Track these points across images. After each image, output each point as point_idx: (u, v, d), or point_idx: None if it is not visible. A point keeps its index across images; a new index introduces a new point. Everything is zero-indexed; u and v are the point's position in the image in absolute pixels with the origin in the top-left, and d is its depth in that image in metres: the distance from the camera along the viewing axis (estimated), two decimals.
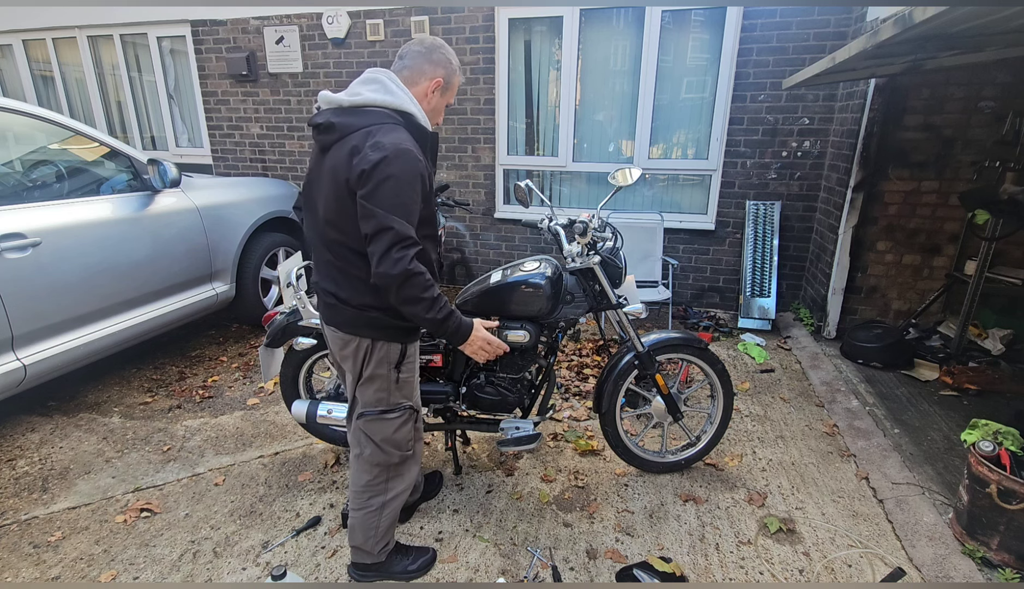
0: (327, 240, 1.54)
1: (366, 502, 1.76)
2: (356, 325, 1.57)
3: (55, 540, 2.07)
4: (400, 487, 1.80)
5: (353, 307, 1.55)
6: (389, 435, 1.70)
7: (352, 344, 1.60)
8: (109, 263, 2.90)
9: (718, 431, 2.41)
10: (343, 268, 1.54)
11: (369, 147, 1.40)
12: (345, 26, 4.66)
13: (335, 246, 1.53)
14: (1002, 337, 3.41)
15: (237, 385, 3.31)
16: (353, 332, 1.58)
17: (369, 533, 1.78)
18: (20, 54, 5.73)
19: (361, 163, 1.39)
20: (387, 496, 1.77)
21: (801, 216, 4.22)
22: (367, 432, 1.70)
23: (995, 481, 1.83)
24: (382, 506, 1.77)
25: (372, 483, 1.75)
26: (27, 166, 2.96)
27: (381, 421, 1.68)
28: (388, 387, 1.65)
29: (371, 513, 1.76)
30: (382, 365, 1.61)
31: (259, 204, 3.94)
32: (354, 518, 1.78)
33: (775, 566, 1.95)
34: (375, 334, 1.58)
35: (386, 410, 1.67)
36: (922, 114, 3.36)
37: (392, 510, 1.80)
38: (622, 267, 2.20)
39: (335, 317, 1.60)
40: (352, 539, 1.81)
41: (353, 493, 1.78)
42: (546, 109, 4.58)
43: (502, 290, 2.07)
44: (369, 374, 1.62)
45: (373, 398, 1.66)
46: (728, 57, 3.99)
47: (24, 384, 2.59)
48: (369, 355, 1.60)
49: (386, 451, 1.71)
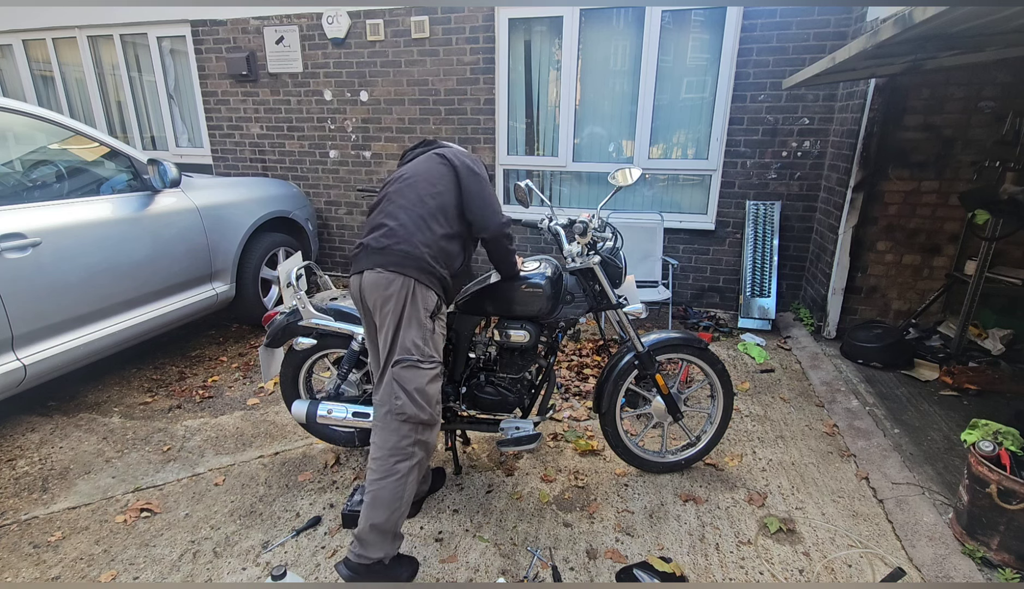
0: (421, 193, 1.79)
1: (392, 467, 1.71)
2: (404, 265, 1.71)
3: (55, 540, 2.07)
4: (422, 454, 1.77)
5: (412, 245, 1.72)
6: (423, 385, 1.72)
7: (396, 284, 1.70)
8: (109, 263, 2.90)
9: (718, 431, 2.41)
10: (423, 215, 1.76)
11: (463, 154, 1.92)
12: (345, 26, 4.66)
13: (430, 198, 1.78)
14: (1002, 337, 3.41)
15: (237, 385, 3.31)
16: (399, 270, 1.70)
17: (394, 505, 1.70)
18: (20, 54, 5.73)
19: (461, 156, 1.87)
20: (412, 461, 1.73)
21: (801, 216, 4.22)
22: (401, 380, 1.71)
23: (995, 481, 1.82)
24: (407, 473, 1.72)
25: (399, 446, 1.72)
26: (27, 166, 2.96)
27: (416, 369, 1.71)
28: (425, 335, 1.73)
29: (398, 480, 1.71)
30: (421, 311, 1.72)
31: (259, 204, 3.95)
32: (377, 489, 1.71)
33: (775, 566, 1.95)
34: (418, 276, 1.71)
35: (421, 359, 1.72)
36: (922, 114, 3.36)
37: (413, 483, 1.75)
38: (622, 267, 2.21)
39: (382, 257, 1.73)
40: (367, 526, 1.70)
41: (376, 460, 1.73)
42: (546, 109, 4.58)
43: (502, 290, 2.07)
44: (409, 315, 1.71)
45: (411, 343, 1.71)
46: (728, 57, 3.99)
47: (24, 384, 2.59)
48: (412, 294, 1.71)
49: (417, 403, 1.72)
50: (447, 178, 1.83)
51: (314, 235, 4.64)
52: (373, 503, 1.72)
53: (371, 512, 1.72)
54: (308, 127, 5.11)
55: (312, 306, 2.24)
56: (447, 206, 1.81)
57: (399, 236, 1.74)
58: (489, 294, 2.09)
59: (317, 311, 2.24)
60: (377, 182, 5.06)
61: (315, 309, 2.25)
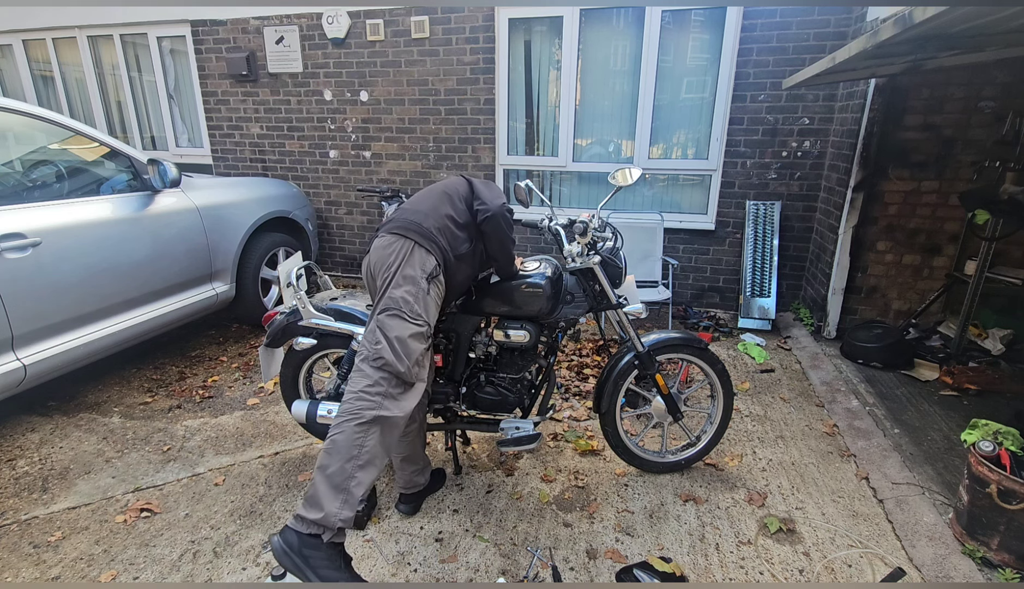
0: (434, 189, 1.99)
1: (357, 411, 1.62)
2: (407, 229, 1.81)
3: (55, 540, 2.07)
4: (394, 412, 1.66)
5: (417, 215, 1.85)
6: (404, 336, 1.69)
7: (397, 243, 1.79)
8: (109, 263, 2.90)
9: (718, 431, 2.41)
10: (435, 202, 1.91)
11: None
12: (345, 26, 4.66)
13: (442, 192, 1.96)
14: (1002, 337, 3.41)
15: (237, 385, 3.31)
16: (402, 233, 1.81)
17: (350, 453, 1.59)
18: (20, 54, 5.73)
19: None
20: (379, 412, 1.63)
21: (801, 216, 4.22)
22: (383, 327, 1.71)
23: (995, 481, 1.82)
24: (370, 421, 1.62)
25: (368, 390, 1.65)
26: (27, 166, 2.96)
27: (401, 319, 1.72)
28: (417, 293, 1.75)
29: (358, 426, 1.61)
30: (418, 270, 1.77)
31: (259, 204, 3.95)
32: (337, 434, 1.61)
33: (775, 566, 1.95)
34: (419, 240, 1.79)
35: (408, 314, 1.73)
36: (922, 114, 3.36)
37: (377, 439, 1.63)
38: (622, 267, 2.21)
39: (389, 225, 1.85)
40: (322, 468, 1.59)
41: (344, 402, 1.67)
42: (546, 109, 4.58)
43: (502, 290, 2.07)
44: (404, 273, 1.76)
45: (400, 296, 1.74)
46: (728, 57, 3.99)
47: (24, 384, 2.59)
48: (411, 253, 1.78)
49: (396, 352, 1.67)
50: (463, 185, 2.02)
51: (314, 235, 4.64)
52: (329, 449, 1.61)
53: (325, 458, 1.61)
54: (308, 127, 5.11)
55: (312, 306, 2.24)
56: (458, 201, 1.95)
57: (409, 212, 1.88)
58: (489, 294, 2.09)
59: (317, 311, 2.24)
60: (377, 182, 5.06)
61: (315, 309, 2.25)
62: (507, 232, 1.99)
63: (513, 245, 2.05)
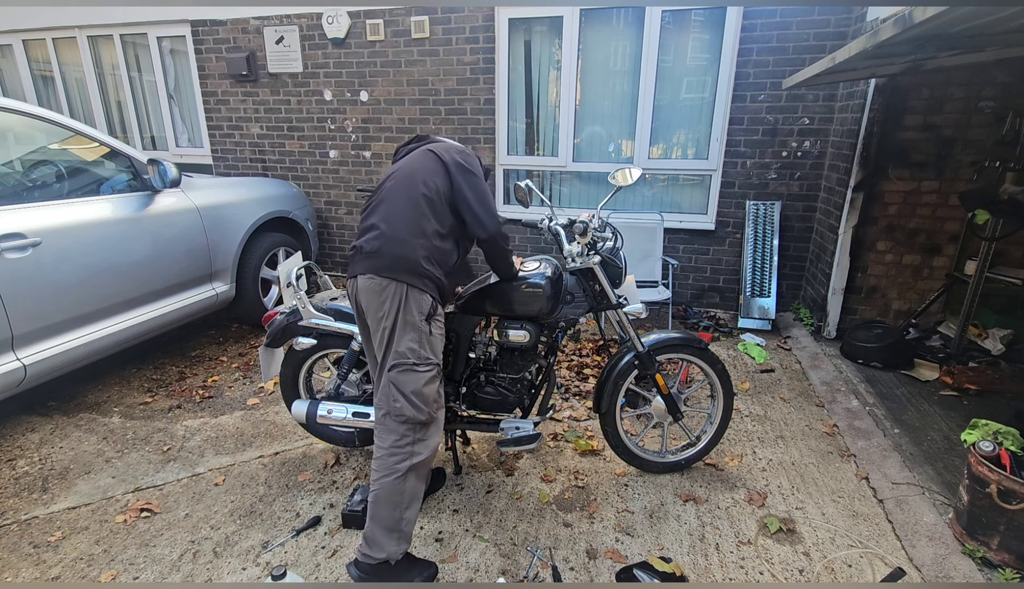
0: (411, 193, 1.77)
1: (392, 466, 1.73)
2: (396, 269, 1.70)
3: (55, 540, 2.07)
4: (425, 453, 1.77)
5: (408, 248, 1.71)
6: (419, 388, 1.72)
7: (389, 289, 1.70)
8: (109, 263, 2.90)
9: (718, 431, 2.41)
10: (414, 215, 1.74)
11: (454, 149, 1.88)
12: (345, 26, 4.66)
13: (421, 198, 1.76)
14: (1002, 337, 3.41)
15: (237, 385, 3.31)
16: (391, 275, 1.70)
17: (395, 500, 1.72)
18: (20, 54, 5.73)
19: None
20: (413, 460, 1.74)
21: (801, 216, 4.22)
22: (397, 384, 1.72)
23: (995, 481, 1.82)
24: (407, 471, 1.73)
25: (398, 444, 1.74)
26: (27, 166, 2.96)
27: (412, 372, 1.72)
28: (420, 338, 1.73)
29: (398, 479, 1.72)
30: (417, 315, 1.72)
31: (259, 204, 3.95)
32: (379, 487, 1.73)
33: (775, 566, 1.95)
34: (411, 280, 1.71)
35: (417, 363, 1.72)
36: (922, 114, 3.36)
37: (415, 482, 1.76)
38: (622, 267, 2.20)
39: (374, 262, 1.72)
40: (371, 524, 1.74)
41: (377, 460, 1.75)
42: (546, 109, 4.58)
43: (502, 290, 2.07)
44: (404, 320, 1.71)
45: (406, 347, 1.71)
46: (728, 57, 3.99)
47: (24, 384, 2.59)
48: (405, 300, 1.71)
49: (415, 405, 1.73)
50: (439, 175, 1.80)
51: (314, 235, 4.64)
52: (376, 501, 1.74)
53: (374, 509, 1.75)
54: (308, 127, 5.11)
55: (312, 306, 2.24)
56: (439, 204, 1.79)
57: (390, 238, 1.73)
58: (489, 294, 2.09)
59: (317, 311, 2.24)
60: (377, 182, 5.06)
61: (315, 309, 2.25)
62: (505, 247, 1.95)
63: (511, 254, 2.02)
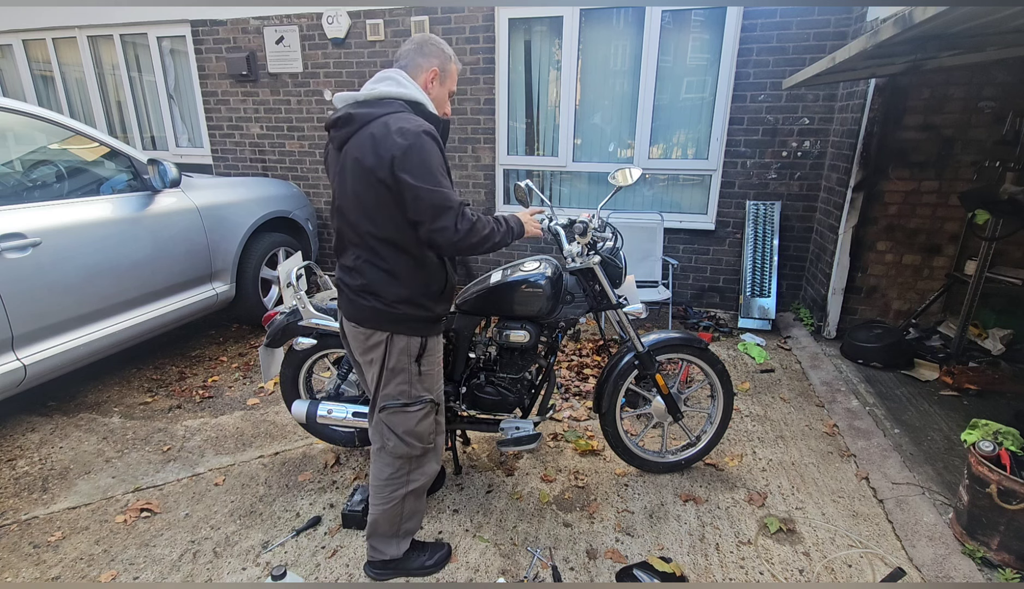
0: (359, 233, 1.56)
1: (389, 496, 1.78)
2: (379, 320, 1.62)
3: (55, 540, 2.07)
4: (422, 480, 1.81)
5: (381, 301, 1.59)
6: (411, 428, 1.73)
7: (373, 338, 1.65)
8: (109, 263, 2.90)
9: (718, 431, 2.41)
10: (372, 261, 1.58)
11: (395, 133, 1.44)
12: (345, 26, 4.66)
13: (368, 239, 1.56)
14: (1002, 337, 3.41)
15: (237, 385, 3.31)
16: (375, 327, 1.63)
17: (393, 524, 1.81)
18: (20, 54, 5.73)
19: (391, 149, 1.43)
20: (409, 488, 1.78)
21: (801, 216, 4.22)
22: (389, 425, 1.72)
23: (995, 481, 1.82)
24: (403, 498, 1.79)
25: (394, 476, 1.77)
26: (27, 166, 2.96)
27: (403, 413, 1.71)
28: (410, 380, 1.69)
29: (394, 506, 1.78)
30: (403, 358, 1.66)
31: (259, 204, 3.94)
32: (376, 512, 1.80)
33: (775, 566, 1.95)
34: (397, 328, 1.63)
35: (408, 403, 1.70)
36: (922, 114, 3.36)
37: (413, 503, 1.82)
38: (622, 267, 2.20)
39: (358, 313, 1.64)
40: (373, 534, 1.83)
41: (374, 488, 1.80)
42: (546, 109, 4.58)
43: (502, 290, 2.07)
44: (391, 367, 1.67)
45: (395, 391, 1.69)
46: (728, 57, 3.99)
47: (24, 384, 2.59)
48: (390, 348, 1.64)
49: (408, 443, 1.74)
50: (383, 200, 1.49)
51: (314, 235, 4.64)
52: (373, 523, 1.82)
53: (372, 528, 1.83)
54: (308, 127, 5.10)
55: (312, 306, 2.24)
56: (399, 230, 1.53)
57: (365, 289, 1.59)
58: (489, 294, 2.09)
59: (317, 311, 2.24)
60: None
61: (315, 309, 2.25)
62: (472, 241, 1.57)
63: (489, 238, 1.63)
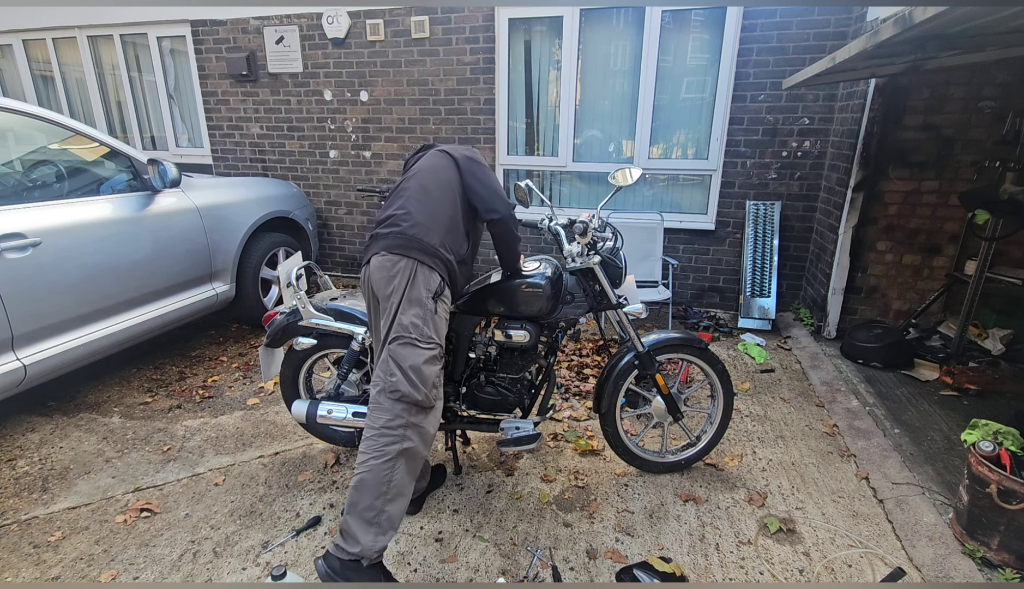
0: (426, 184, 1.89)
1: (381, 448, 1.66)
2: (408, 247, 1.78)
3: (55, 540, 2.07)
4: (417, 442, 1.70)
5: (415, 228, 1.80)
6: (418, 364, 1.71)
7: (400, 264, 1.76)
8: (109, 263, 2.90)
9: (718, 431, 2.41)
10: (429, 203, 1.85)
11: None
12: (345, 26, 4.66)
13: (435, 188, 1.88)
14: (1002, 337, 3.41)
15: (237, 385, 3.31)
16: (403, 253, 1.77)
17: (380, 490, 1.63)
18: (20, 54, 5.73)
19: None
20: (404, 445, 1.67)
21: (801, 216, 4.22)
22: (396, 357, 1.71)
23: (995, 481, 1.82)
24: (397, 456, 1.66)
25: (390, 424, 1.68)
26: (27, 166, 2.96)
27: (413, 347, 1.71)
28: (425, 315, 1.75)
29: (386, 462, 1.65)
30: (423, 290, 1.76)
31: (259, 204, 3.95)
32: (365, 471, 1.65)
33: (775, 566, 1.95)
34: (422, 257, 1.77)
35: (419, 338, 1.72)
36: (922, 114, 3.36)
37: (403, 472, 1.68)
38: (622, 267, 2.21)
39: (388, 241, 1.80)
40: (353, 507, 1.63)
41: (367, 439, 1.69)
42: (546, 109, 4.58)
43: (502, 290, 2.07)
44: (411, 295, 1.74)
45: (409, 322, 1.72)
46: (728, 57, 3.99)
47: (24, 384, 2.59)
48: (415, 275, 1.76)
49: (412, 381, 1.68)
50: (450, 169, 1.93)
51: (314, 235, 4.64)
52: (358, 486, 1.65)
53: (355, 496, 1.64)
54: (308, 127, 5.11)
55: (312, 306, 2.24)
56: (452, 194, 1.90)
57: (406, 222, 1.82)
58: (489, 294, 2.09)
59: (317, 311, 2.25)
60: (377, 182, 5.07)
61: (315, 309, 2.25)
62: (515, 232, 2.02)
63: (519, 242, 2.06)
